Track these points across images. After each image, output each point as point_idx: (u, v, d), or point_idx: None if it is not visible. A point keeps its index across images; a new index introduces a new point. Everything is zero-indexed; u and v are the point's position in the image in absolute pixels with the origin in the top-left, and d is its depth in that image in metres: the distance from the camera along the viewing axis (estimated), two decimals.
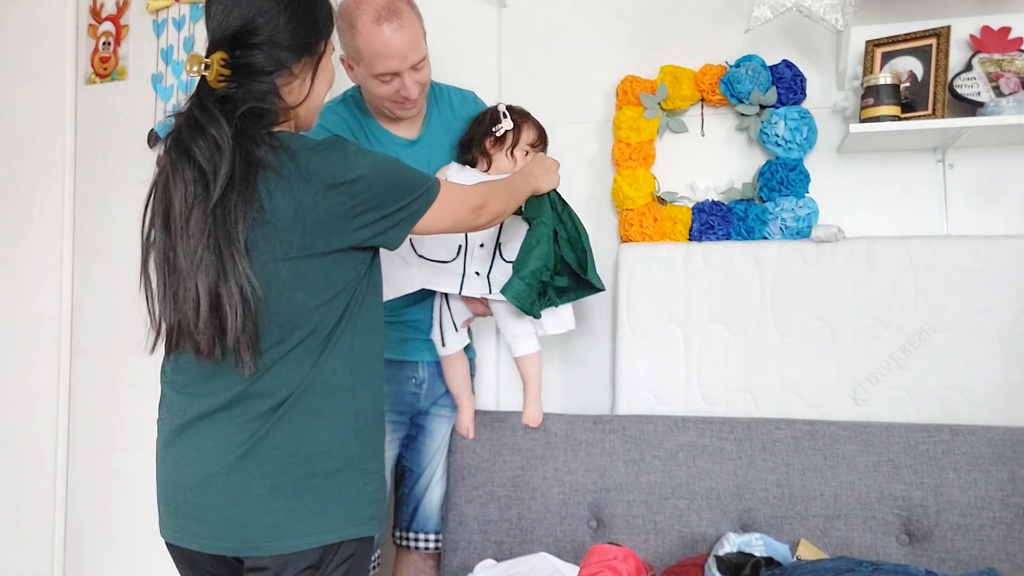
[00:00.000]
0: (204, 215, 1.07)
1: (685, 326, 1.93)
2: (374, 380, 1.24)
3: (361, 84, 1.66)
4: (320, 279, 1.14)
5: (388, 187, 1.18)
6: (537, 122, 1.79)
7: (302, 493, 1.12)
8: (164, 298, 1.13)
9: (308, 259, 1.12)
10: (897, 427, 1.71)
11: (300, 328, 1.13)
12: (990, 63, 1.82)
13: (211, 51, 1.17)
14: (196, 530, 1.13)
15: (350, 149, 1.16)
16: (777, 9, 1.79)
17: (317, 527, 1.12)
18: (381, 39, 1.52)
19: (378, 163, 1.18)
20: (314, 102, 1.26)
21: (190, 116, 1.12)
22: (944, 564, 1.60)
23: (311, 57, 1.22)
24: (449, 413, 1.86)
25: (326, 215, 1.12)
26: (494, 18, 2.24)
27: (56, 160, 2.46)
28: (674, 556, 1.71)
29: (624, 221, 2.03)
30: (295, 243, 1.10)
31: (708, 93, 2.01)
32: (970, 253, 1.79)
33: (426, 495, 1.85)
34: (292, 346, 1.13)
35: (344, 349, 1.17)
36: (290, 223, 1.10)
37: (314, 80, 1.23)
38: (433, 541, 1.85)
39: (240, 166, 1.08)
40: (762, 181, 1.95)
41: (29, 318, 2.46)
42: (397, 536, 1.88)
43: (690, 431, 1.79)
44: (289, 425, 1.12)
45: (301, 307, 1.12)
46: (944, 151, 1.91)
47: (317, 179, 1.11)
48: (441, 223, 1.30)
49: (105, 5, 2.49)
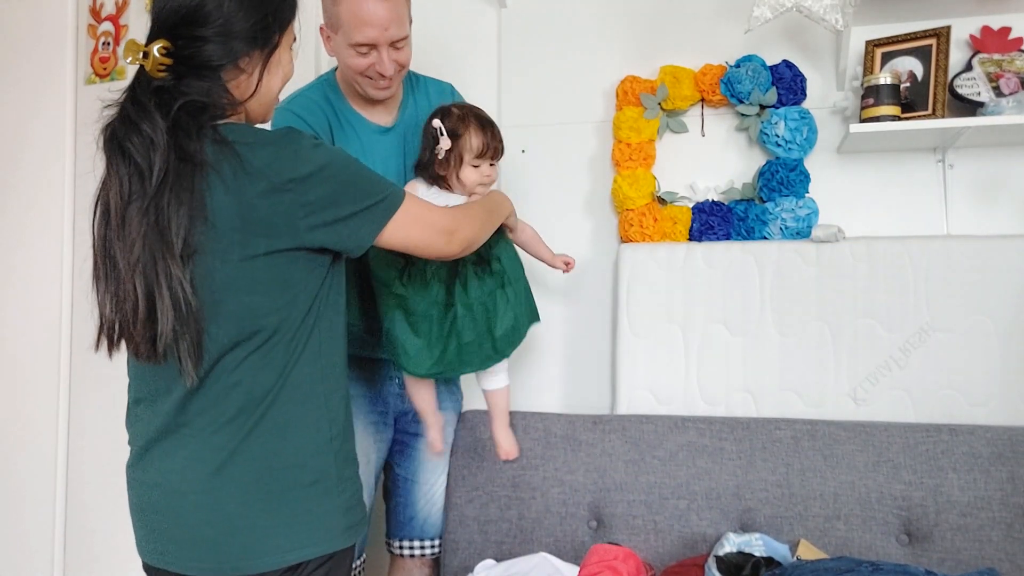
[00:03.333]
0: (140, 213, 1.01)
1: (685, 326, 1.93)
2: (342, 385, 1.18)
3: (337, 56, 1.60)
4: (274, 280, 1.07)
5: (342, 187, 1.09)
6: (481, 123, 1.55)
7: (277, 508, 1.07)
8: (106, 295, 1.07)
9: (256, 259, 1.05)
10: (897, 427, 1.71)
11: (259, 332, 1.06)
12: (990, 63, 1.82)
13: (152, 37, 1.07)
14: (174, 552, 1.09)
15: (304, 143, 1.07)
16: (777, 9, 1.79)
17: (292, 543, 1.07)
18: (364, 6, 1.48)
19: (334, 160, 1.09)
20: (265, 97, 1.16)
21: (123, 110, 1.05)
22: (944, 564, 1.60)
23: (264, 50, 1.12)
24: (444, 416, 1.79)
25: (271, 213, 1.04)
26: (494, 18, 2.24)
27: (56, 160, 2.46)
28: (674, 556, 1.71)
29: (624, 221, 2.03)
30: (239, 242, 1.03)
31: (708, 93, 2.01)
32: (970, 253, 1.79)
33: (430, 504, 1.81)
34: (251, 351, 1.06)
35: (313, 355, 1.12)
36: (233, 222, 1.03)
37: (263, 75, 1.13)
38: (430, 547, 1.81)
39: (175, 163, 1.01)
40: (762, 181, 1.95)
41: (29, 318, 2.46)
42: (396, 545, 1.82)
43: (690, 431, 1.79)
44: (261, 438, 1.07)
45: (257, 310, 1.06)
46: (944, 151, 1.91)
47: (263, 175, 1.03)
48: (406, 240, 1.19)
49: (105, 5, 2.49)
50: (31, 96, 2.50)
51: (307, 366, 1.11)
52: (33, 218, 2.48)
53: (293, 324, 1.09)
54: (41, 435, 2.42)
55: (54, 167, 2.46)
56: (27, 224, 2.49)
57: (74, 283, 2.44)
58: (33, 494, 2.41)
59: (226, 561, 1.07)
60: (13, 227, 2.50)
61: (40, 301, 2.46)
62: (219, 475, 1.06)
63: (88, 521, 2.38)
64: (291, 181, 1.04)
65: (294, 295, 1.09)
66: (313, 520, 1.09)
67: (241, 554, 1.06)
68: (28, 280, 2.47)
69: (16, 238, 2.50)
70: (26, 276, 2.47)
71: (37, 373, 2.44)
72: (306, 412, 1.11)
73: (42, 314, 2.45)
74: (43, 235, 2.46)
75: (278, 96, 1.21)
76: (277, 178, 1.04)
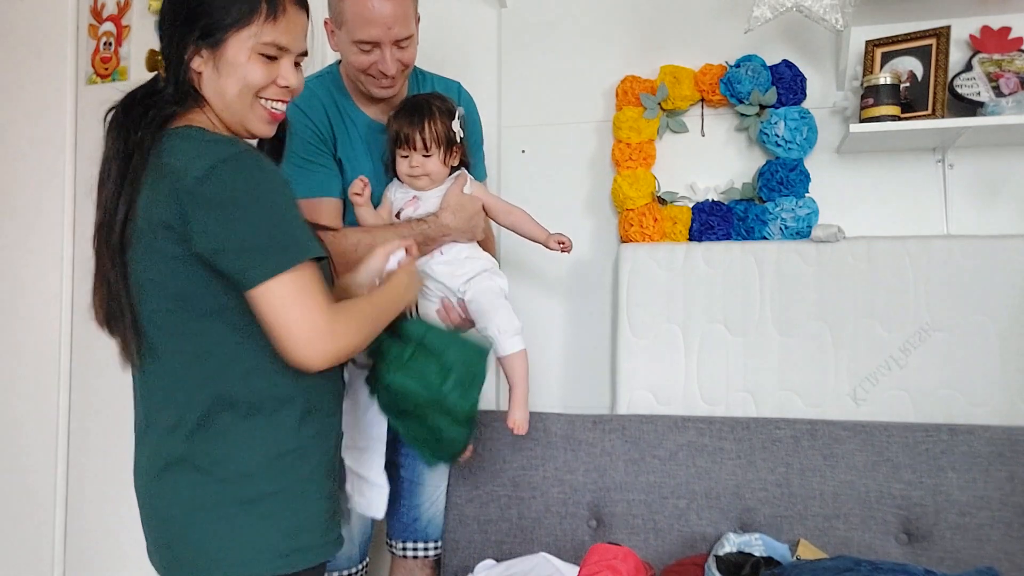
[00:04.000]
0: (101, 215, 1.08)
1: (685, 326, 1.93)
2: (306, 402, 1.11)
3: (341, 52, 1.59)
4: (203, 284, 1.04)
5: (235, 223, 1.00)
6: (406, 110, 1.54)
7: (211, 521, 1.04)
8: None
9: (176, 261, 1.03)
10: (896, 427, 1.71)
11: (197, 336, 1.05)
12: (990, 63, 1.82)
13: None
14: (151, 552, 1.13)
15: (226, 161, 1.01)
16: (777, 9, 1.80)
17: (224, 558, 1.04)
18: (369, 3, 1.47)
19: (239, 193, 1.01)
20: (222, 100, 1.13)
21: (116, 110, 1.12)
22: (943, 563, 1.60)
23: (210, 50, 1.10)
24: None
25: (180, 213, 1.01)
26: (494, 18, 2.24)
27: (56, 160, 2.46)
28: (674, 556, 1.71)
29: (624, 221, 2.03)
30: (159, 247, 1.03)
31: (708, 93, 2.01)
32: (970, 253, 1.79)
33: (433, 507, 1.80)
34: (190, 356, 1.05)
35: (254, 366, 1.06)
36: (152, 225, 1.03)
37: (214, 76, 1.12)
38: (434, 549, 1.81)
39: (126, 168, 1.05)
40: (762, 181, 1.96)
41: (29, 318, 2.46)
42: (398, 547, 1.80)
43: (690, 431, 1.79)
44: (200, 448, 1.05)
45: (191, 313, 1.05)
46: (944, 151, 1.91)
47: (179, 178, 1.01)
48: (267, 306, 1.02)
49: (106, 5, 2.49)
50: (32, 96, 2.50)
51: (250, 378, 1.07)
52: (34, 218, 2.48)
53: (234, 335, 1.06)
54: (42, 435, 2.42)
55: (55, 167, 2.46)
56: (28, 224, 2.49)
57: (74, 283, 2.44)
58: (33, 494, 2.42)
59: (171, 565, 1.09)
60: (14, 227, 2.50)
61: (41, 301, 2.46)
62: (159, 480, 1.07)
63: (88, 521, 2.38)
64: (191, 193, 1.00)
65: (232, 301, 1.04)
66: (244, 539, 1.05)
67: (176, 562, 1.08)
68: (29, 280, 2.47)
69: (17, 238, 2.50)
70: (27, 276, 2.47)
71: (38, 373, 2.44)
72: (252, 427, 1.06)
73: (43, 314, 2.45)
74: (44, 235, 2.46)
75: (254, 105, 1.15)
76: (188, 183, 1.00)
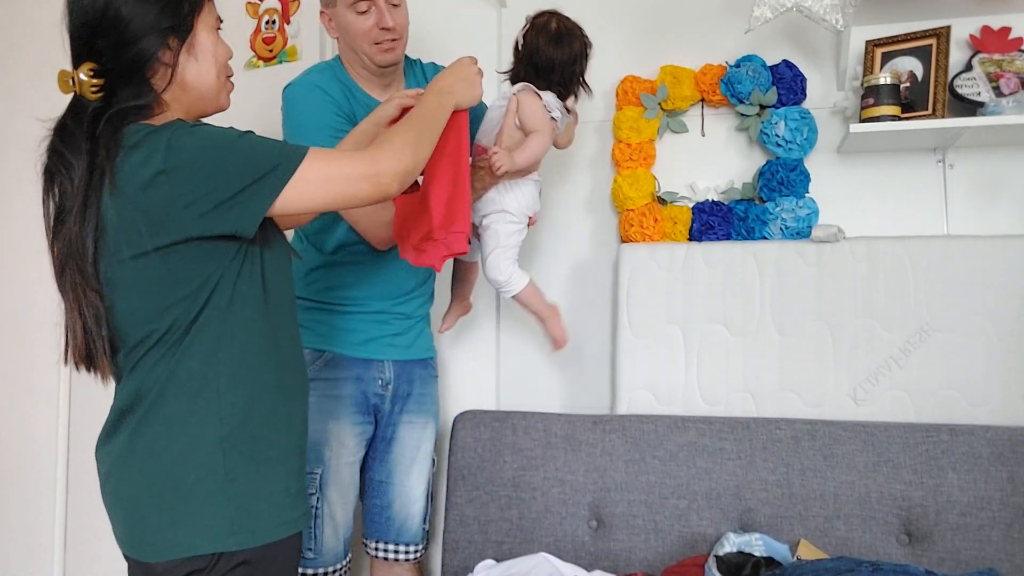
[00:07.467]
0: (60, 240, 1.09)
1: (685, 326, 1.93)
2: (252, 382, 1.13)
3: (340, 28, 1.63)
4: (168, 276, 1.06)
5: (219, 168, 1.04)
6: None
7: (164, 504, 1.08)
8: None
9: (145, 257, 1.05)
10: (897, 427, 1.71)
11: (158, 328, 1.07)
12: (990, 63, 1.82)
13: (75, 59, 1.08)
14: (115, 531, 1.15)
15: (177, 132, 1.04)
16: (777, 9, 1.79)
17: (180, 538, 1.07)
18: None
19: (209, 143, 1.05)
20: (202, 86, 1.14)
21: (51, 143, 1.09)
22: (944, 564, 1.60)
23: (180, 38, 1.10)
24: (421, 420, 1.77)
25: (150, 207, 1.03)
26: (494, 18, 2.24)
27: None
28: (674, 556, 1.71)
29: (624, 221, 2.03)
30: (125, 243, 1.04)
31: (708, 93, 2.01)
32: (970, 253, 1.79)
33: (404, 510, 1.75)
34: (149, 347, 1.08)
35: (203, 349, 1.09)
36: (116, 223, 1.04)
37: (187, 63, 1.12)
38: (413, 552, 1.76)
39: (86, 181, 1.05)
40: (762, 181, 1.95)
41: (29, 318, 2.46)
42: (371, 546, 1.77)
43: (690, 431, 1.79)
44: (150, 431, 1.08)
45: (154, 307, 1.07)
46: (944, 151, 1.91)
47: (136, 172, 1.02)
48: (315, 202, 1.11)
49: None
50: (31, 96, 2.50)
51: (195, 361, 1.09)
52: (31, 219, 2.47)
53: (187, 318, 1.08)
54: (42, 435, 2.42)
55: None
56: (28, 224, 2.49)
57: None
58: (34, 494, 2.41)
59: (134, 545, 1.11)
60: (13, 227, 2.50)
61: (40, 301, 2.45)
62: (119, 464, 1.11)
63: (88, 521, 2.38)
64: (161, 173, 1.02)
65: (193, 289, 1.07)
66: (194, 519, 1.08)
67: (139, 541, 1.10)
68: (27, 281, 2.47)
69: (17, 237, 2.50)
70: (25, 277, 2.47)
71: (37, 373, 2.44)
72: (194, 409, 1.09)
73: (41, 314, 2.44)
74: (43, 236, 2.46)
75: (225, 82, 1.19)
76: (148, 171, 1.02)
